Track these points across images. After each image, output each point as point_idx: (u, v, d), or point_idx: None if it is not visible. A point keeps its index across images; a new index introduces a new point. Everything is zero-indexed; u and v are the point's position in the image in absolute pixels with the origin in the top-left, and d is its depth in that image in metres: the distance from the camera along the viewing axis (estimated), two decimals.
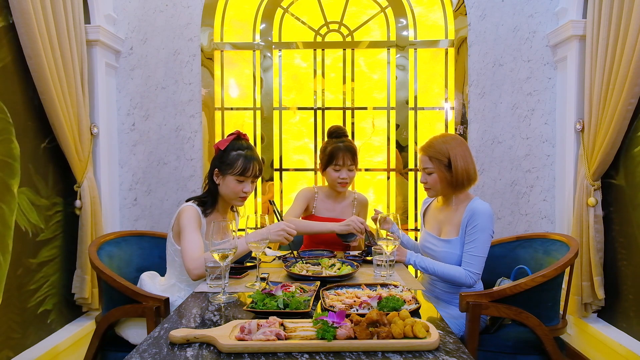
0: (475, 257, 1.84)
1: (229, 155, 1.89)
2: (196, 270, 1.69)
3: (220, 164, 1.90)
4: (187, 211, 1.84)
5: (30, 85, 2.27)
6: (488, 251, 1.86)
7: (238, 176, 1.87)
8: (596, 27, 2.49)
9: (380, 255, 1.79)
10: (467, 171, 1.90)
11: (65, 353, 2.44)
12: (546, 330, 1.73)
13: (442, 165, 1.90)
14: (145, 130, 3.14)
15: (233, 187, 1.88)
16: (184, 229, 1.79)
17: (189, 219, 1.81)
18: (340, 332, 1.08)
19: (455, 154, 1.89)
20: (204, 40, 3.12)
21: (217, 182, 1.92)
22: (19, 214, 2.20)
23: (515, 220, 3.07)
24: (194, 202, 1.91)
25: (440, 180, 1.92)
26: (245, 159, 1.87)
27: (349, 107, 3.24)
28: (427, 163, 1.94)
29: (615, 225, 2.52)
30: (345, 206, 2.45)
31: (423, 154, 1.96)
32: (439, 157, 1.91)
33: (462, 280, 1.84)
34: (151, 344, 1.13)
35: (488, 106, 3.06)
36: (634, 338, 2.34)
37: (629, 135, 2.39)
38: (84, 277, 2.57)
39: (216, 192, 1.94)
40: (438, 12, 3.18)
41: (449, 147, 1.90)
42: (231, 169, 1.87)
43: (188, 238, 1.75)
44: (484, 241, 1.83)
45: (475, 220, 1.84)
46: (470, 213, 1.86)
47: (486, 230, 1.83)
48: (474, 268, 1.83)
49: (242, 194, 1.90)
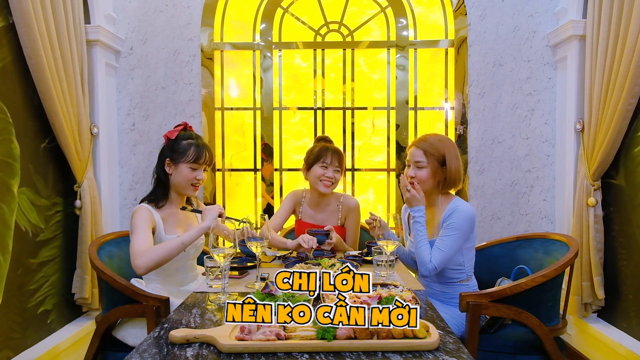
0: (438, 250, 1.84)
1: (180, 144, 1.92)
2: (139, 261, 1.67)
3: (172, 153, 1.92)
4: (136, 213, 1.84)
5: (30, 85, 2.27)
6: (454, 250, 1.84)
7: (192, 163, 1.90)
8: (596, 27, 2.49)
9: (380, 255, 1.79)
10: (458, 172, 1.92)
11: (65, 353, 2.44)
12: (546, 330, 1.73)
13: (435, 161, 1.90)
14: (145, 130, 3.14)
15: (186, 174, 1.91)
16: (132, 230, 1.81)
17: (137, 219, 1.81)
18: (340, 332, 1.08)
19: (450, 153, 1.91)
20: (204, 40, 3.12)
21: (170, 172, 1.93)
22: (19, 214, 2.20)
23: (515, 220, 3.07)
24: (145, 202, 1.91)
25: (431, 176, 1.91)
26: (196, 147, 1.91)
27: (349, 107, 3.24)
28: (420, 157, 1.92)
29: (615, 225, 2.52)
30: (329, 213, 2.42)
31: (416, 147, 1.94)
32: (434, 152, 1.90)
33: (423, 264, 1.85)
34: (151, 344, 1.13)
35: (488, 106, 3.06)
36: (634, 338, 2.34)
37: (629, 135, 2.39)
38: (84, 277, 2.57)
39: (167, 182, 1.95)
40: (438, 12, 3.18)
41: (444, 146, 1.91)
42: (184, 157, 1.90)
43: (135, 236, 1.77)
44: (454, 239, 1.83)
45: (452, 218, 1.84)
46: (449, 212, 1.87)
47: (460, 230, 1.83)
48: (435, 260, 1.83)
49: (195, 181, 1.93)
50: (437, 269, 1.84)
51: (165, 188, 1.95)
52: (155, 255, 1.69)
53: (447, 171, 1.90)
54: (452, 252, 1.84)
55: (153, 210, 1.88)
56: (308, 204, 2.45)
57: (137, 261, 1.68)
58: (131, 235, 1.81)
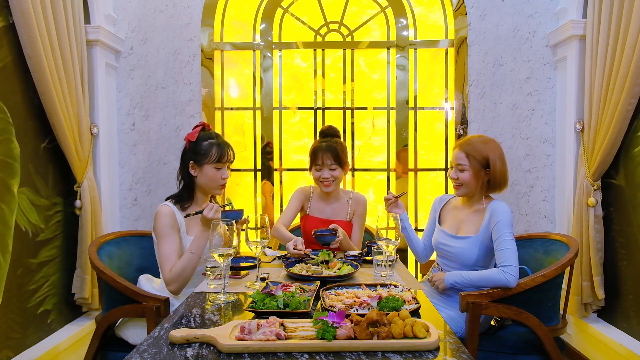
0: (504, 251, 1.75)
1: (202, 145, 1.92)
2: (172, 287, 1.79)
3: (194, 155, 1.93)
4: (161, 216, 1.86)
5: (30, 85, 2.27)
6: (515, 244, 1.78)
7: (216, 163, 1.91)
8: (596, 27, 2.49)
9: (380, 255, 1.79)
10: (503, 174, 1.89)
11: (65, 353, 2.44)
12: (546, 330, 1.73)
13: (477, 164, 1.89)
14: (145, 130, 3.14)
15: (212, 175, 1.92)
16: (158, 235, 1.86)
17: (163, 226, 1.85)
18: (340, 332, 1.08)
19: (494, 155, 1.89)
20: (204, 40, 3.12)
21: (195, 174, 1.94)
22: (19, 214, 2.20)
23: (515, 220, 3.07)
24: (170, 201, 1.93)
25: (473, 178, 1.90)
26: (218, 146, 1.92)
27: (349, 107, 3.24)
28: (462, 159, 1.91)
29: (615, 225, 2.52)
30: (338, 207, 2.42)
31: (459, 150, 1.94)
32: (476, 155, 1.89)
33: (497, 276, 1.73)
34: (151, 344, 1.13)
35: (488, 106, 3.06)
36: (634, 338, 2.34)
37: (629, 135, 2.39)
38: (84, 277, 2.57)
39: (193, 185, 1.96)
40: (438, 12, 3.18)
41: (488, 149, 1.90)
42: (207, 158, 1.91)
43: (162, 246, 1.83)
44: (508, 234, 1.78)
45: (497, 217, 1.81)
46: (490, 212, 1.85)
47: (509, 224, 1.80)
48: (507, 262, 1.73)
49: (222, 181, 1.95)
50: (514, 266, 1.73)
51: (191, 190, 1.97)
52: (184, 278, 1.79)
53: (491, 174, 1.89)
54: (514, 246, 1.77)
55: (177, 211, 1.90)
56: (317, 198, 2.45)
57: (171, 287, 1.79)
58: (157, 240, 1.86)
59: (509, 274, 1.72)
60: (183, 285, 1.80)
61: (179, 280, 1.78)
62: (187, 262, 1.77)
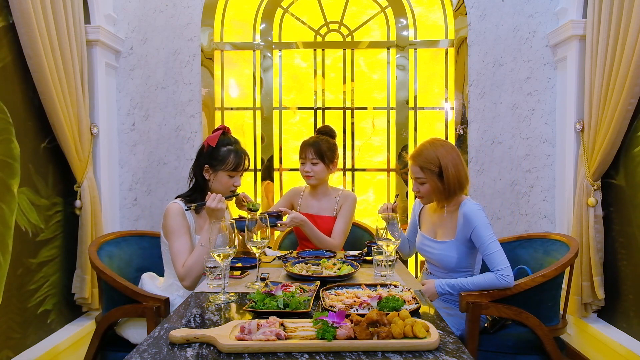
0: (492, 255, 1.76)
1: (220, 152, 1.93)
2: (186, 282, 1.81)
3: (211, 159, 1.93)
4: (172, 214, 1.87)
5: (30, 85, 2.27)
6: (498, 243, 1.78)
7: (230, 171, 1.92)
8: (596, 27, 2.49)
9: (380, 255, 1.79)
10: (458, 178, 1.86)
11: (65, 353, 2.44)
12: (546, 330, 1.73)
13: (434, 175, 1.87)
14: (145, 130, 3.14)
15: (225, 182, 1.94)
16: (169, 232, 1.86)
17: (175, 223, 1.86)
18: (340, 332, 1.08)
19: (446, 162, 1.85)
20: (204, 40, 3.12)
21: (208, 178, 1.95)
22: (19, 214, 2.20)
23: (515, 220, 3.07)
24: (181, 200, 1.93)
25: (433, 190, 1.89)
26: (236, 155, 1.93)
27: (349, 107, 3.24)
28: (418, 173, 1.90)
29: (615, 225, 2.52)
30: (326, 203, 2.45)
31: (413, 164, 1.91)
32: (429, 166, 1.87)
33: (496, 283, 1.73)
34: (151, 344, 1.13)
35: (488, 106, 3.06)
36: (634, 338, 2.34)
37: (629, 135, 2.39)
38: (84, 277, 2.57)
39: (205, 187, 1.97)
40: (438, 12, 3.18)
41: (439, 155, 1.86)
42: (223, 165, 1.91)
43: (173, 243, 1.84)
44: (490, 236, 1.78)
45: (473, 223, 1.80)
46: (463, 217, 1.84)
47: (486, 226, 1.80)
48: (499, 265, 1.74)
49: (233, 188, 1.97)
50: (507, 267, 1.74)
51: (202, 191, 1.97)
52: (197, 271, 1.80)
53: (445, 181, 1.85)
54: (498, 245, 1.77)
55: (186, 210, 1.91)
56: (307, 195, 2.50)
57: (185, 282, 1.81)
58: (168, 238, 1.86)
59: (506, 278, 1.73)
60: (197, 279, 1.81)
61: (192, 274, 1.79)
62: (198, 255, 1.79)
